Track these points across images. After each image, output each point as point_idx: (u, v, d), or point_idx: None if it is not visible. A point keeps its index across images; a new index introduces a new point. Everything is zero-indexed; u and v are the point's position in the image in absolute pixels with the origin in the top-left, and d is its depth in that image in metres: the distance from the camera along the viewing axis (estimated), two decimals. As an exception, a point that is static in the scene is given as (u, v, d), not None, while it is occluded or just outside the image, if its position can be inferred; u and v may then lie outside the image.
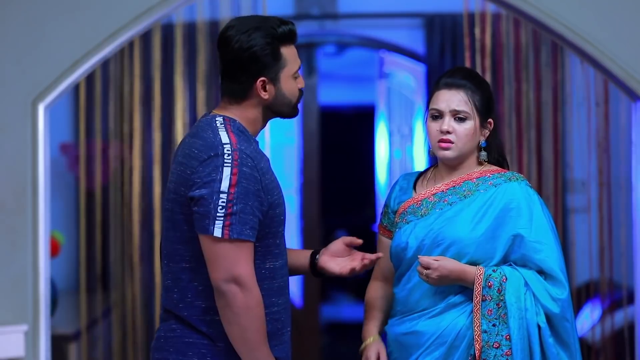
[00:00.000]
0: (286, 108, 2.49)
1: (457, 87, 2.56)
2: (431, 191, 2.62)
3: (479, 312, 2.49)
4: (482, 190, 2.56)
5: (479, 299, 2.49)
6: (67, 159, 5.28)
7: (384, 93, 6.44)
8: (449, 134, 2.56)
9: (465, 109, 2.55)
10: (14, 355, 3.47)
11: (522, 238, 2.51)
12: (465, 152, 2.59)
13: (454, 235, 2.53)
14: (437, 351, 2.53)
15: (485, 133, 2.60)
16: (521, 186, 2.56)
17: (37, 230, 3.50)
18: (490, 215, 2.53)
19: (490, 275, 2.48)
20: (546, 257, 2.50)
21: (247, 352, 2.36)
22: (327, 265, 2.62)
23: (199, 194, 2.33)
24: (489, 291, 2.48)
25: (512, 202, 2.53)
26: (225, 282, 2.32)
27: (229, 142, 2.36)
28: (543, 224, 2.52)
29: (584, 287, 5.00)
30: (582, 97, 4.88)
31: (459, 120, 2.56)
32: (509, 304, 2.47)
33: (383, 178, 6.52)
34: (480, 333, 2.48)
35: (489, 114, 2.59)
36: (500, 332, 2.48)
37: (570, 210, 5.18)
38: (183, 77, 4.84)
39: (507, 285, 2.48)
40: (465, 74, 2.60)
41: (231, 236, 2.31)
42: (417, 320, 2.57)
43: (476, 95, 2.56)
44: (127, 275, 4.90)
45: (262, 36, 2.40)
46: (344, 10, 5.66)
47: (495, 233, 2.52)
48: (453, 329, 2.52)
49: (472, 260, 2.52)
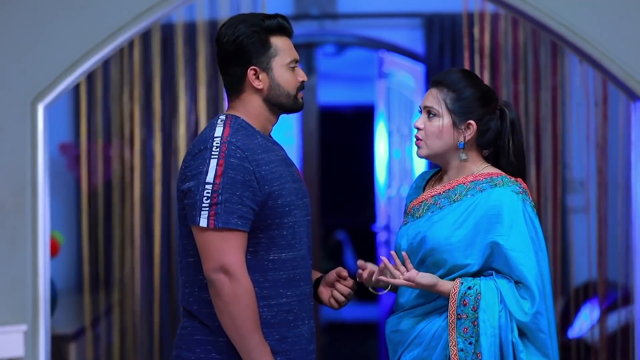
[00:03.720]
0: (285, 99, 2.51)
1: (436, 84, 2.57)
2: (431, 193, 2.61)
3: (454, 331, 2.47)
4: (470, 196, 2.53)
5: (453, 318, 2.47)
6: (66, 158, 5.28)
7: (383, 93, 6.44)
8: (419, 131, 2.57)
9: (434, 105, 2.54)
10: (13, 355, 3.47)
11: (499, 245, 2.46)
12: (439, 152, 2.56)
13: (434, 240, 2.52)
14: (415, 350, 2.54)
15: (465, 134, 2.54)
16: (506, 192, 2.50)
17: (36, 230, 3.51)
18: (471, 222, 2.50)
19: (466, 293, 2.46)
20: (520, 266, 2.45)
21: (239, 339, 2.40)
22: (321, 295, 2.65)
23: (187, 186, 2.41)
24: (464, 309, 2.46)
25: (493, 208, 2.49)
26: (214, 271, 2.37)
27: (220, 135, 2.42)
28: (522, 232, 2.46)
29: (582, 288, 5.00)
30: (581, 97, 4.88)
31: (430, 117, 2.56)
32: (482, 322, 2.44)
33: (382, 178, 6.52)
34: (457, 352, 2.46)
35: (467, 115, 2.53)
36: (476, 349, 2.45)
37: (569, 210, 5.19)
38: (183, 77, 4.84)
39: (482, 303, 2.44)
40: (452, 74, 2.58)
41: (216, 225, 2.36)
42: (402, 319, 2.59)
43: (452, 94, 2.53)
44: (128, 275, 4.90)
45: (247, 26, 2.47)
46: (343, 10, 5.67)
47: (475, 239, 2.49)
48: (429, 330, 2.52)
49: (452, 266, 2.50)
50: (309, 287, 2.54)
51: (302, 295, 2.51)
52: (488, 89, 2.60)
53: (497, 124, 2.58)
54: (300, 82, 2.53)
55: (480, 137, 2.56)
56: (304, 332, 2.52)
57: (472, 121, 2.54)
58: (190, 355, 2.47)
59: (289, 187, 2.47)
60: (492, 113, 2.57)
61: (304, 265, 2.52)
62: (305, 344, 2.52)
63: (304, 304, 2.52)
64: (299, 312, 2.50)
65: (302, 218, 2.52)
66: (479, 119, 2.55)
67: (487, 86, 2.61)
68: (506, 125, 2.58)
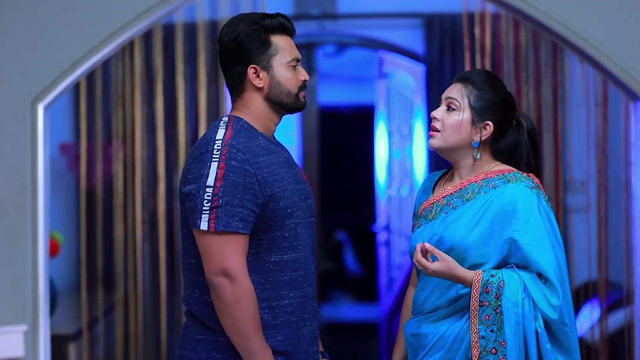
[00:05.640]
0: (286, 98, 2.51)
1: (461, 80, 2.59)
2: (442, 193, 2.61)
3: (476, 318, 2.47)
4: (483, 193, 2.54)
5: (476, 305, 2.47)
6: (66, 159, 5.28)
7: (383, 93, 6.44)
8: (437, 121, 2.57)
9: (457, 98, 2.56)
10: (13, 355, 3.47)
11: (516, 242, 2.47)
12: (453, 146, 2.57)
13: (452, 240, 2.52)
14: (437, 354, 2.53)
15: (482, 134, 2.56)
16: (519, 187, 2.51)
17: (36, 230, 3.51)
18: (487, 219, 2.50)
19: (489, 281, 2.46)
20: (540, 260, 2.46)
21: (240, 342, 2.40)
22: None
23: (188, 189, 2.41)
24: (487, 297, 2.46)
25: (508, 204, 2.50)
26: (215, 274, 2.38)
27: (222, 137, 2.42)
28: (538, 226, 2.48)
29: (583, 288, 5.00)
30: (581, 97, 4.88)
31: (450, 110, 2.57)
32: (506, 309, 2.44)
33: (382, 178, 6.52)
34: (478, 339, 2.46)
35: (487, 115, 2.55)
36: (497, 338, 2.45)
37: (569, 210, 5.18)
38: (183, 77, 4.84)
39: (505, 291, 2.44)
40: (479, 73, 2.61)
41: (217, 228, 2.36)
42: (422, 322, 2.59)
43: (476, 91, 2.55)
44: (128, 275, 4.90)
45: (247, 24, 2.48)
46: (343, 10, 5.67)
47: (492, 237, 2.50)
48: (452, 333, 2.52)
49: (472, 264, 2.50)
50: (311, 289, 2.54)
51: (304, 297, 2.51)
52: (510, 95, 2.62)
53: (513, 133, 2.60)
54: (301, 81, 2.52)
55: (495, 141, 2.58)
56: (306, 333, 2.52)
57: (490, 122, 2.56)
58: (192, 355, 2.48)
59: (291, 189, 2.47)
60: (510, 120, 2.59)
61: (306, 266, 2.52)
62: (308, 346, 2.52)
63: (306, 306, 2.52)
64: (301, 314, 2.50)
65: (305, 219, 2.52)
66: (497, 122, 2.56)
67: (510, 93, 2.63)
68: (523, 136, 2.60)
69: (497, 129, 2.57)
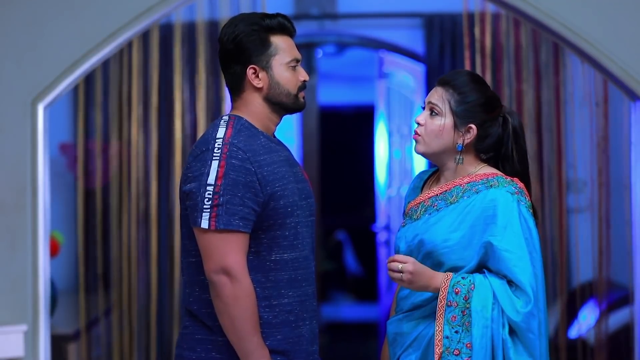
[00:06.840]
0: (285, 98, 2.51)
1: (443, 84, 2.56)
2: (429, 194, 2.61)
3: (442, 317, 2.46)
4: (466, 197, 2.53)
5: (442, 304, 2.46)
6: (66, 158, 5.28)
7: (383, 93, 6.44)
8: (419, 126, 2.57)
9: (438, 103, 2.54)
10: (13, 355, 3.47)
11: (493, 246, 2.46)
12: (436, 151, 2.56)
13: (431, 243, 2.52)
14: (414, 354, 2.54)
15: (465, 137, 2.54)
16: (501, 193, 2.49)
17: (36, 230, 3.50)
18: (467, 224, 2.49)
19: (459, 282, 2.45)
20: (513, 267, 2.44)
21: (237, 341, 2.40)
22: None
23: (189, 188, 2.41)
24: (455, 297, 2.45)
25: (489, 209, 2.48)
26: (215, 272, 2.38)
27: (223, 136, 2.42)
28: (516, 233, 2.46)
29: (585, 287, 5.00)
30: (582, 97, 4.88)
31: (433, 115, 2.56)
32: (474, 311, 2.43)
33: (382, 178, 6.52)
34: (442, 338, 2.46)
35: (469, 118, 2.53)
36: (462, 339, 2.45)
37: (571, 210, 5.18)
38: (182, 77, 4.84)
39: (475, 294, 2.44)
40: (460, 76, 2.57)
41: (217, 227, 2.36)
42: (402, 320, 2.59)
43: (457, 95, 2.53)
44: (127, 275, 4.90)
45: (247, 25, 2.48)
46: (343, 10, 5.67)
47: (472, 241, 2.49)
48: (427, 334, 2.52)
49: (451, 267, 2.50)
50: (311, 288, 2.54)
51: (304, 296, 2.51)
52: (494, 95, 2.60)
53: (497, 131, 2.57)
54: (301, 81, 2.52)
55: (479, 142, 2.56)
56: (305, 332, 2.52)
57: (473, 125, 2.54)
58: (191, 355, 2.48)
59: (291, 188, 2.47)
60: (494, 120, 2.57)
61: (306, 265, 2.52)
62: (307, 345, 2.53)
63: (305, 305, 2.52)
64: (300, 313, 2.50)
65: (305, 219, 2.52)
66: (480, 124, 2.54)
67: (493, 92, 2.61)
68: (508, 133, 2.58)
69: (481, 130, 2.55)
